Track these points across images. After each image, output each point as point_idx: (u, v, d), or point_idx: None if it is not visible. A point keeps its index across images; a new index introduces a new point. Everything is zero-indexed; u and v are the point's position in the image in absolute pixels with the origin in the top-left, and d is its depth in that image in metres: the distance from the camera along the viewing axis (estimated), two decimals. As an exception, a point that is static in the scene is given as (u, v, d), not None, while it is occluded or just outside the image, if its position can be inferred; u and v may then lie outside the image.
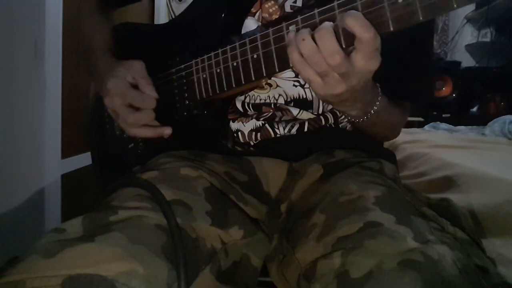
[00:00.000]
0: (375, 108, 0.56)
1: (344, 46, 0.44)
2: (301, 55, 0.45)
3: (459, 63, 2.64)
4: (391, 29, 0.42)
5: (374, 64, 0.44)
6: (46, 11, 1.37)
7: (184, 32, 0.67)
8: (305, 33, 0.44)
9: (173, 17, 0.74)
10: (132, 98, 0.59)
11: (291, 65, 0.48)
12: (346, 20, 0.42)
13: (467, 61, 2.77)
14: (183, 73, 0.64)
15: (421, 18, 0.40)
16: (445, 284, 0.36)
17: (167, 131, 0.61)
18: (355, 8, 0.43)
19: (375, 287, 0.37)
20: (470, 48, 2.85)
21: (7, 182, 1.24)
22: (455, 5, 0.38)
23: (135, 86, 0.60)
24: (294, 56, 0.46)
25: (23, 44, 1.31)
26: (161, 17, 2.46)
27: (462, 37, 2.88)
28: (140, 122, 0.60)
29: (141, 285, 0.36)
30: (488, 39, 2.65)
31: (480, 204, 0.86)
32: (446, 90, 2.51)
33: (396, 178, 0.64)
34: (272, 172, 0.64)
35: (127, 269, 0.37)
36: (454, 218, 0.48)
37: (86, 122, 0.89)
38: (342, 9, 0.44)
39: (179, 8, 0.71)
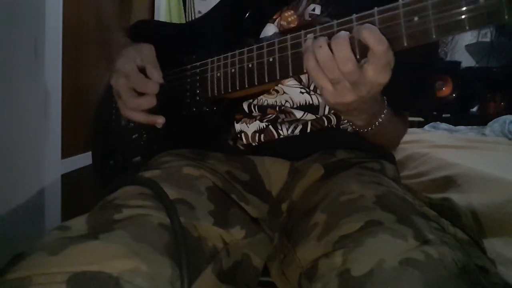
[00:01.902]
0: (380, 120, 0.57)
1: (358, 57, 0.46)
2: (317, 61, 0.47)
3: (459, 63, 2.65)
4: (405, 44, 0.44)
5: (384, 77, 0.46)
6: (46, 11, 1.37)
7: (203, 32, 0.68)
8: (323, 40, 0.46)
9: (195, 14, 0.74)
10: (135, 82, 0.59)
11: (305, 70, 0.50)
12: (362, 32, 0.44)
13: (467, 61, 2.77)
14: (198, 70, 0.65)
15: (434, 36, 0.42)
16: (446, 283, 0.36)
17: (159, 120, 0.61)
18: (373, 22, 0.45)
19: (376, 285, 0.37)
20: (470, 48, 2.85)
21: (7, 182, 1.24)
22: (467, 27, 0.40)
23: (143, 70, 0.60)
24: (310, 63, 0.47)
25: (23, 44, 1.31)
26: (161, 16, 2.45)
27: (462, 37, 2.88)
28: (140, 108, 0.60)
29: (145, 282, 0.36)
30: (488, 39, 2.65)
31: (480, 204, 0.86)
32: (446, 90, 2.51)
33: (396, 178, 0.64)
34: (274, 171, 0.65)
35: (131, 266, 0.37)
36: (455, 217, 0.48)
37: (92, 111, 0.89)
38: (360, 22, 0.46)
39: (201, 5, 0.72)
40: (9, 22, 1.22)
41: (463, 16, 0.40)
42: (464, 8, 0.40)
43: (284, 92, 0.66)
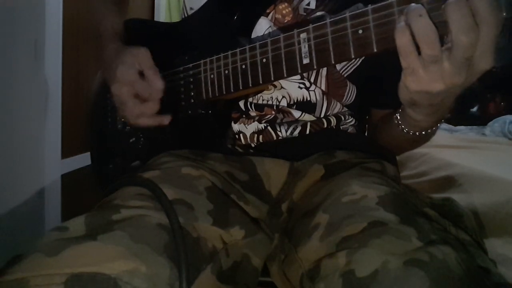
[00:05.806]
0: (434, 128, 0.54)
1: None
2: (413, 35, 0.39)
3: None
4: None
5: (489, 60, 0.39)
6: (46, 11, 1.37)
7: (195, 32, 0.67)
8: (421, 9, 0.38)
9: (187, 10, 0.73)
10: (139, 89, 0.59)
11: (398, 48, 0.41)
12: None
13: (467, 61, 2.76)
14: (191, 72, 0.64)
15: None
16: (451, 283, 0.35)
17: (166, 119, 0.62)
18: (366, 22, 0.42)
19: (381, 286, 0.36)
20: (470, 48, 2.84)
21: (7, 182, 1.24)
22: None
23: (141, 74, 0.60)
24: (403, 38, 0.39)
25: (23, 44, 1.31)
26: (161, 14, 2.45)
27: (462, 37, 2.87)
28: (145, 114, 0.60)
29: (144, 283, 0.36)
30: (488, 39, 2.64)
31: (481, 204, 0.86)
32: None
33: (397, 179, 0.64)
34: (274, 172, 0.64)
35: (130, 267, 0.37)
36: (457, 218, 0.48)
37: (87, 115, 0.88)
38: (354, 22, 0.44)
39: (193, 1, 0.71)
40: (9, 22, 1.22)
41: None
42: None
43: (282, 87, 0.66)
